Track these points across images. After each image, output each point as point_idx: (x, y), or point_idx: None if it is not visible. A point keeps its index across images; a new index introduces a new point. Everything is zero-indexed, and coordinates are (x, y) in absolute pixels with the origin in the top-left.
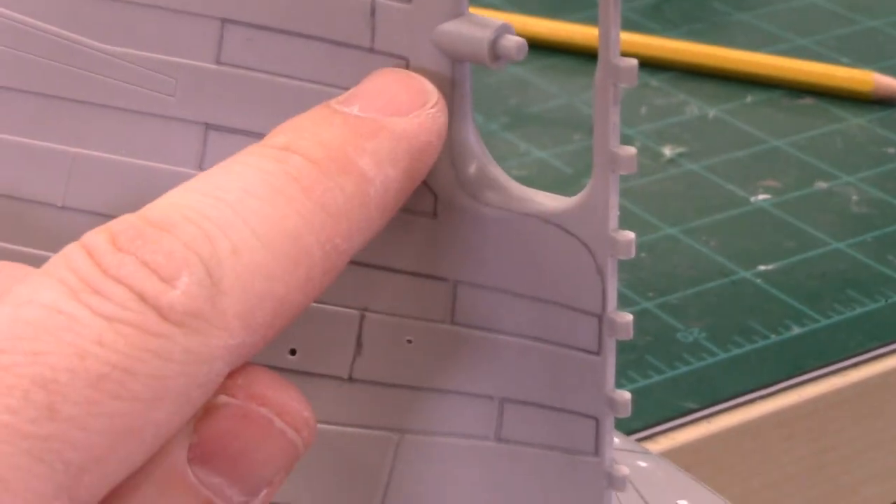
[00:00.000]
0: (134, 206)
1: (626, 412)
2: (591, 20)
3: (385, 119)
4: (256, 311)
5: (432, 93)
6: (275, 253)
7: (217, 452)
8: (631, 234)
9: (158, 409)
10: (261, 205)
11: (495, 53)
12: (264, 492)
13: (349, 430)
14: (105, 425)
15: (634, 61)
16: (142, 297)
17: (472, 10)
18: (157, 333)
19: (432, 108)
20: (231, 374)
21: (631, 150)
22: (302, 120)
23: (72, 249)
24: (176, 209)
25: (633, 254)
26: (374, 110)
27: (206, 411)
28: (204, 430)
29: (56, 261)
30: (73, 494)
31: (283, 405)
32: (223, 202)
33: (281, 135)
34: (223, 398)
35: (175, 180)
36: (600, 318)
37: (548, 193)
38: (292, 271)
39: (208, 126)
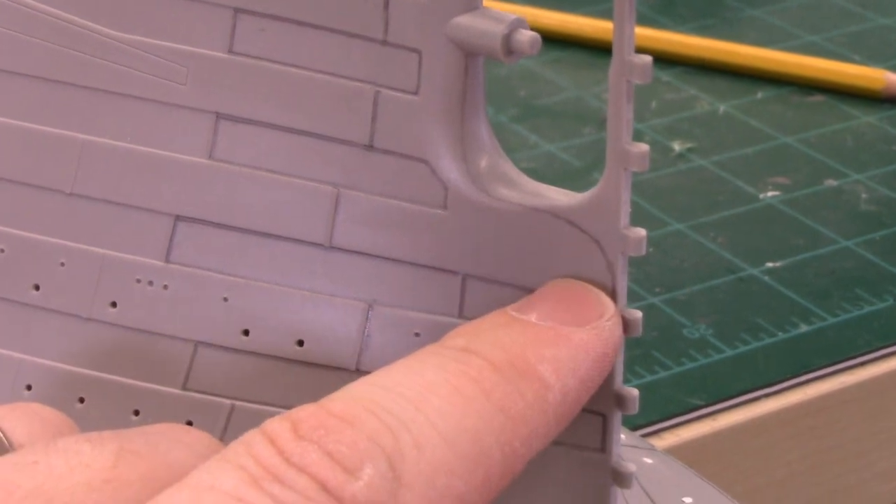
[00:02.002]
0: (143, 195)
1: (634, 409)
2: (603, 13)
3: (564, 328)
4: None
5: (609, 305)
6: (456, 450)
7: None
8: (642, 231)
9: None
10: (442, 402)
11: (509, 48)
12: None
13: None
14: None
15: (649, 58)
16: (324, 487)
17: (486, 2)
18: None
19: (608, 320)
20: None
21: (643, 147)
22: (480, 323)
23: (252, 436)
24: (358, 402)
25: (644, 251)
26: (552, 319)
27: None
28: None
29: (236, 447)
30: None
31: None
32: (405, 398)
33: (460, 337)
34: None
35: (185, 169)
36: None
37: (559, 189)
38: (473, 470)
39: (219, 115)
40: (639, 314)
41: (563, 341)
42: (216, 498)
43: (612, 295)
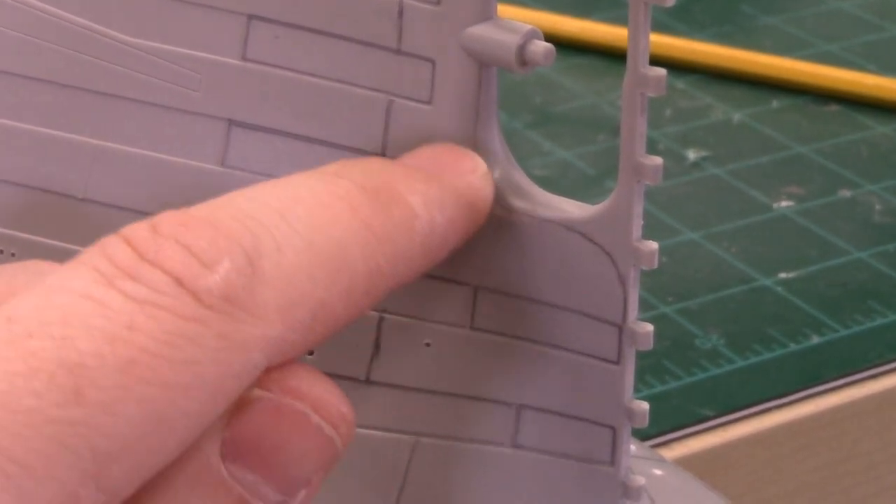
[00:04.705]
0: (155, 201)
1: (644, 422)
2: (620, 20)
3: (435, 172)
4: (297, 308)
5: (481, 164)
6: (319, 256)
7: (251, 448)
8: (654, 245)
9: (190, 397)
10: (308, 212)
11: (523, 59)
12: (302, 492)
13: (365, 432)
14: (134, 412)
15: (663, 71)
16: (179, 282)
17: (501, 8)
18: (191, 318)
19: (480, 177)
20: (267, 370)
21: (657, 160)
22: (354, 159)
23: (109, 239)
24: (221, 209)
25: (655, 264)
26: (425, 165)
27: (239, 405)
28: (237, 425)
29: (91, 250)
30: (102, 484)
31: (319, 399)
32: (270, 207)
33: (332, 166)
34: (257, 392)
35: (197, 175)
36: (621, 327)
37: (572, 200)
38: (334, 278)
39: (231, 122)
40: (650, 327)
41: (433, 181)
42: (64, 297)
43: (624, 308)
